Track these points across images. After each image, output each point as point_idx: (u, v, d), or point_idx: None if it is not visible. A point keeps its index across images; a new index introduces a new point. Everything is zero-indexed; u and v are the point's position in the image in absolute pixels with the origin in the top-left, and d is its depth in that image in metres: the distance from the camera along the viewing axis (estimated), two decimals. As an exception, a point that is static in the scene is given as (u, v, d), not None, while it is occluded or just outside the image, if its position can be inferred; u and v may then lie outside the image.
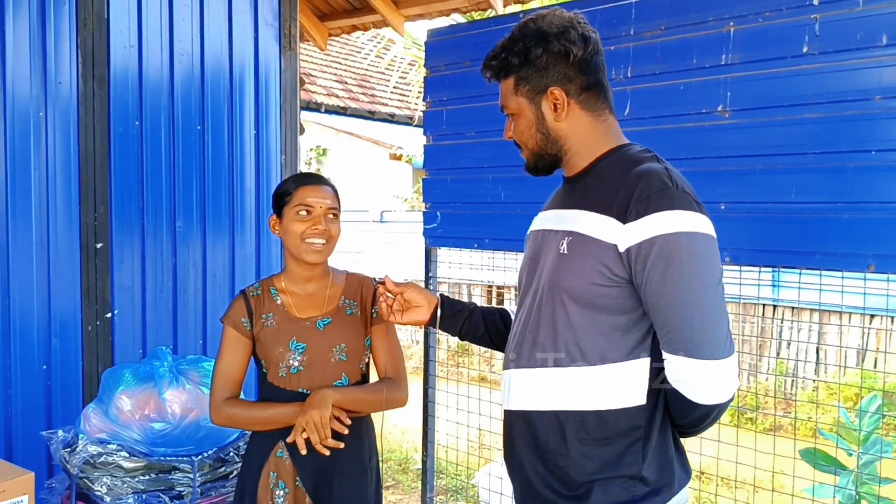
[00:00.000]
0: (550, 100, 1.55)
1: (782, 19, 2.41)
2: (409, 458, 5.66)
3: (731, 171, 2.53)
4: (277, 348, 2.06)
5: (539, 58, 1.53)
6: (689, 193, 1.43)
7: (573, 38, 1.52)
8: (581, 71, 1.54)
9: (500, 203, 3.22)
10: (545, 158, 1.61)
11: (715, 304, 1.40)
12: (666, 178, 1.43)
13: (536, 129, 1.58)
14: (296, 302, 2.10)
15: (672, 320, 1.40)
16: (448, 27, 3.56)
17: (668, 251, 1.38)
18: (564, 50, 1.51)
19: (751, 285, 2.87)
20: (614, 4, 2.83)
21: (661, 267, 1.38)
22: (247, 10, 3.65)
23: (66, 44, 3.06)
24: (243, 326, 2.08)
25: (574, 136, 1.57)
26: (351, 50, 12.77)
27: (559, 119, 1.55)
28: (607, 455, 1.48)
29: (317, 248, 2.03)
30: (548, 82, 1.54)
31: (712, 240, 1.42)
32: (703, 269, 1.39)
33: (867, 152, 2.26)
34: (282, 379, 2.06)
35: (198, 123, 3.47)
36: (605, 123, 1.58)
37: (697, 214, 1.40)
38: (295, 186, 2.06)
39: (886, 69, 2.23)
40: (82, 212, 3.10)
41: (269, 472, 2.05)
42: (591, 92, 1.56)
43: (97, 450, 2.37)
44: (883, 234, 2.23)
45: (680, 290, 1.38)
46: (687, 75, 2.63)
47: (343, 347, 2.09)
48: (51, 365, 3.03)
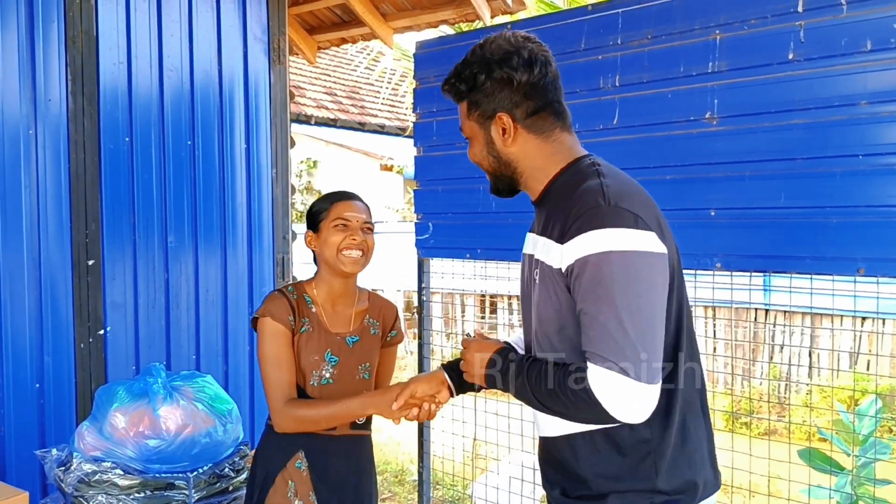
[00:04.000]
0: (498, 125, 1.55)
1: (767, 27, 2.43)
2: (405, 470, 5.65)
3: (720, 178, 2.55)
4: (313, 356, 2.08)
5: (483, 84, 1.53)
6: (625, 209, 1.40)
7: (515, 65, 1.51)
8: (527, 96, 1.53)
9: (491, 213, 3.23)
10: (501, 180, 1.63)
11: (643, 326, 1.36)
12: (598, 196, 1.41)
13: (488, 152, 1.59)
14: (327, 314, 2.15)
15: (598, 334, 1.36)
16: (436, 39, 3.58)
17: (599, 270, 1.36)
18: (507, 76, 1.51)
19: (742, 290, 2.88)
20: (601, 14, 2.85)
21: (593, 286, 1.37)
22: (235, 25, 3.66)
23: (56, 61, 3.06)
24: (289, 322, 2.07)
25: (524, 159, 1.57)
26: (340, 62, 12.79)
27: (507, 144, 1.56)
28: (620, 470, 1.49)
29: (354, 259, 2.09)
30: (495, 107, 1.54)
31: (649, 256, 1.39)
32: (633, 288, 1.36)
33: (854, 157, 2.29)
34: (312, 388, 2.08)
35: (188, 139, 3.48)
36: (556, 143, 1.57)
37: (630, 231, 1.37)
38: (330, 203, 2.13)
39: (871, 74, 2.25)
40: (73, 229, 3.10)
41: (286, 480, 2.07)
42: (540, 115, 1.55)
43: (92, 468, 2.35)
44: (872, 238, 2.25)
45: (608, 307, 1.35)
46: (674, 83, 2.65)
47: (367, 366, 2.18)
48: (44, 383, 3.02)
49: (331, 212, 2.11)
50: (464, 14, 4.20)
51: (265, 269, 3.76)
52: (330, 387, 2.09)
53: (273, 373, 2.04)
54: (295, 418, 2.02)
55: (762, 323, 6.70)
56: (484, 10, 4.07)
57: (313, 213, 2.15)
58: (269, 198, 3.77)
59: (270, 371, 2.04)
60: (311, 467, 2.07)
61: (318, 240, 2.13)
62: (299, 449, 2.08)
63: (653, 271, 1.39)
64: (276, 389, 2.04)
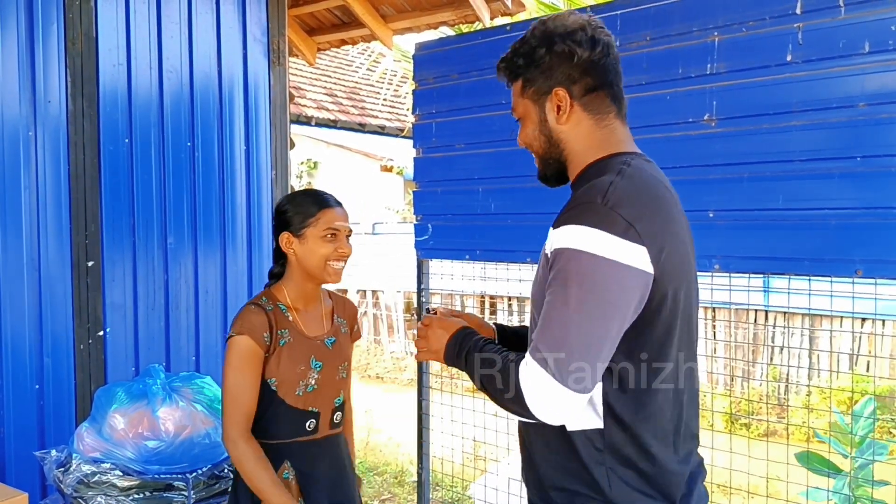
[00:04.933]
0: (554, 101, 1.51)
1: (766, 28, 2.44)
2: (404, 471, 5.65)
3: (718, 180, 2.55)
4: (298, 367, 2.04)
5: (543, 58, 1.50)
6: (619, 214, 1.34)
7: (579, 39, 1.48)
8: (586, 72, 1.49)
9: (490, 214, 3.23)
10: (550, 164, 1.58)
11: (590, 334, 1.32)
12: (598, 194, 1.38)
13: (540, 131, 1.55)
14: (303, 319, 2.11)
15: (544, 326, 1.35)
16: (436, 40, 3.58)
17: (567, 266, 1.34)
18: (569, 50, 1.48)
19: (741, 291, 2.89)
20: (600, 16, 2.85)
21: (557, 279, 1.35)
22: (235, 27, 3.67)
23: (55, 63, 3.07)
24: (264, 341, 2.00)
25: (574, 140, 1.53)
26: (341, 63, 12.81)
27: (561, 122, 1.52)
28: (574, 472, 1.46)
29: (339, 269, 2.07)
30: (552, 83, 1.51)
31: (621, 268, 1.33)
32: (593, 294, 1.32)
33: (852, 158, 2.29)
34: (297, 398, 2.04)
35: (188, 140, 3.48)
36: (608, 129, 1.52)
37: (613, 238, 1.33)
38: (318, 208, 2.05)
39: (869, 76, 2.26)
40: (73, 230, 3.10)
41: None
42: (597, 94, 1.51)
43: (91, 469, 2.35)
44: (870, 240, 2.25)
45: (562, 304, 1.33)
46: (673, 85, 2.66)
47: (345, 366, 2.18)
48: (43, 384, 3.02)
49: (320, 218, 2.04)
50: (463, 15, 4.20)
51: (264, 271, 3.75)
52: (315, 392, 2.07)
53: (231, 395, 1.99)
54: (238, 457, 1.99)
55: (762, 325, 6.70)
56: (483, 12, 4.08)
57: (296, 214, 2.06)
58: (268, 199, 3.78)
59: (230, 392, 2.00)
60: (299, 474, 2.06)
61: (300, 245, 2.05)
62: (284, 459, 2.05)
63: (620, 285, 1.33)
64: (232, 415, 1.99)
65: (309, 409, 2.07)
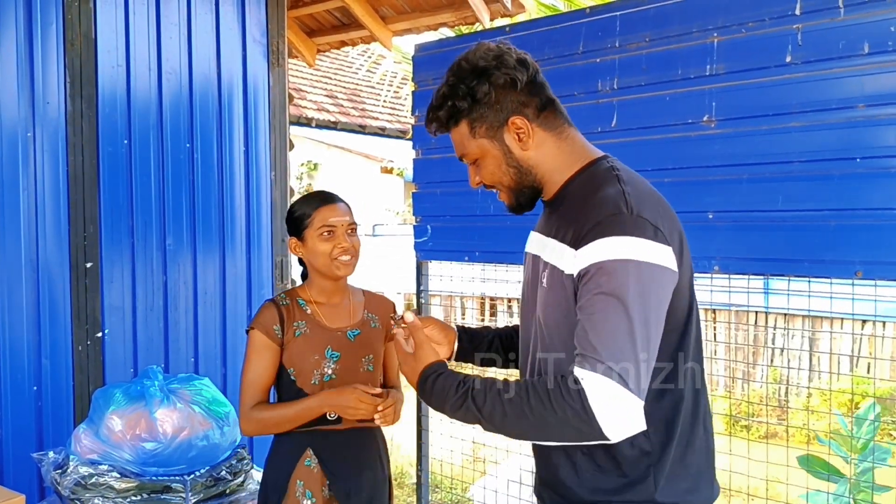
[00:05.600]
0: (513, 130, 1.50)
1: (765, 29, 2.43)
2: (404, 473, 5.64)
3: (717, 181, 2.55)
4: (313, 356, 2.11)
5: (488, 94, 1.48)
6: (646, 219, 1.37)
7: (512, 65, 1.48)
8: (532, 94, 1.50)
9: (489, 216, 3.22)
10: (524, 193, 1.56)
11: (649, 340, 1.32)
12: (621, 203, 1.38)
13: (507, 164, 1.52)
14: (324, 312, 2.17)
15: (603, 339, 1.31)
16: (435, 42, 3.58)
17: (615, 276, 1.32)
18: (510, 78, 1.47)
19: (741, 292, 2.88)
20: (599, 17, 2.85)
21: (606, 292, 1.32)
22: (234, 28, 3.66)
23: (54, 64, 3.06)
24: (274, 333, 2.11)
25: (544, 161, 1.52)
26: (341, 65, 12.80)
27: (526, 147, 1.51)
28: (618, 483, 1.46)
29: (346, 262, 2.12)
30: (505, 115, 1.49)
31: (663, 271, 1.36)
32: (647, 300, 1.33)
33: (852, 160, 2.28)
34: (314, 387, 2.10)
35: (187, 141, 3.47)
36: (569, 140, 1.54)
37: (650, 242, 1.34)
38: (313, 208, 2.11)
39: (869, 77, 2.25)
40: (72, 231, 3.09)
41: (296, 480, 2.10)
42: (548, 111, 1.52)
43: (88, 471, 2.35)
44: (869, 241, 2.25)
45: (620, 314, 1.31)
46: (672, 86, 2.65)
47: (371, 358, 2.19)
48: (41, 386, 3.01)
49: (314, 218, 2.10)
50: (463, 17, 4.20)
51: (264, 272, 3.75)
52: (333, 382, 2.11)
53: (246, 381, 2.12)
54: (258, 421, 2.10)
55: (762, 326, 6.69)
56: (483, 13, 4.07)
57: (296, 219, 2.13)
58: (267, 200, 3.77)
59: (245, 379, 2.12)
60: (322, 462, 2.10)
61: (304, 247, 2.13)
62: (307, 447, 2.11)
63: (665, 289, 1.37)
64: (246, 396, 2.11)
65: None
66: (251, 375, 2.11)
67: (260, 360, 2.11)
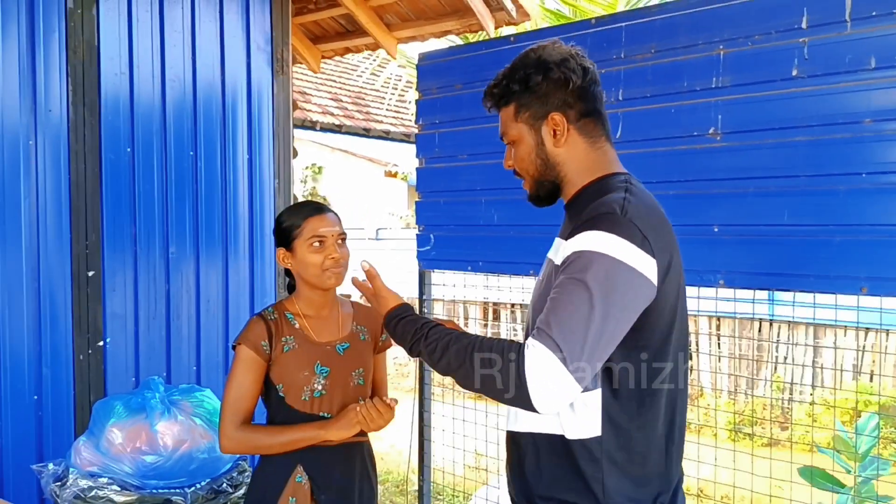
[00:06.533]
0: (550, 125, 1.58)
1: (772, 43, 2.42)
2: (405, 480, 5.62)
3: (723, 194, 2.53)
4: (302, 372, 2.06)
5: (539, 84, 1.56)
6: (636, 225, 1.42)
7: (572, 67, 1.56)
8: (579, 98, 1.57)
9: (493, 226, 3.21)
10: (545, 185, 1.63)
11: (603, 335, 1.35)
12: (616, 205, 1.45)
13: (536, 154, 1.61)
14: (312, 326, 2.13)
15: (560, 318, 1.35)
16: (440, 51, 3.57)
17: (588, 266, 1.37)
18: (564, 77, 1.55)
19: (746, 301, 2.87)
20: (605, 28, 2.84)
21: (577, 278, 1.37)
22: (238, 35, 3.66)
23: (56, 71, 3.06)
24: (262, 349, 2.06)
25: (570, 161, 1.59)
26: (346, 68, 12.79)
27: (558, 144, 1.58)
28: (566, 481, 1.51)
29: (337, 273, 2.09)
30: (548, 108, 1.57)
31: (638, 277, 1.39)
32: (612, 298, 1.36)
33: (858, 175, 2.27)
34: (304, 403, 2.06)
35: (190, 149, 3.47)
36: (601, 151, 1.61)
37: (632, 247, 1.39)
38: (302, 219, 2.08)
39: (875, 92, 2.23)
40: (73, 240, 3.09)
41: (287, 497, 2.05)
42: (589, 119, 1.59)
43: (88, 483, 2.34)
44: (875, 257, 2.23)
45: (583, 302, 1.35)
46: (678, 98, 2.63)
47: (361, 372, 2.16)
48: (42, 395, 3.01)
49: (304, 229, 2.06)
50: (468, 25, 4.19)
51: (267, 281, 3.74)
52: (323, 398, 2.07)
53: (230, 397, 2.06)
54: (242, 441, 2.05)
55: (765, 336, 6.67)
56: (488, 22, 4.06)
57: (284, 230, 2.10)
58: (271, 209, 3.76)
59: (228, 395, 2.06)
60: (312, 479, 2.06)
61: (293, 258, 2.09)
62: (297, 463, 2.06)
63: (636, 293, 1.40)
64: (229, 414, 2.05)
65: (320, 414, 2.07)
66: (236, 392, 2.05)
67: (246, 376, 2.06)
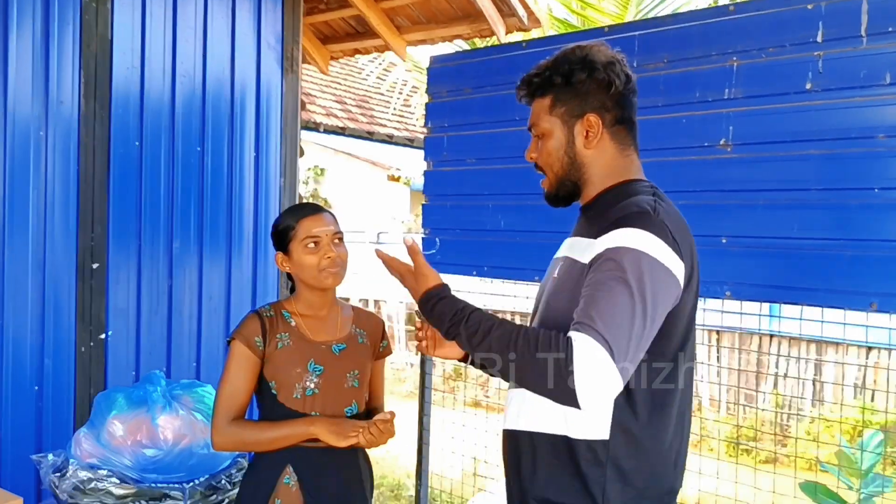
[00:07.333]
0: (585, 125, 1.55)
1: (785, 55, 2.42)
2: (401, 485, 5.60)
3: (732, 206, 2.53)
4: (294, 369, 2.04)
5: (582, 82, 1.54)
6: (667, 226, 1.42)
7: (617, 72, 1.55)
8: (618, 104, 1.56)
9: (499, 231, 3.21)
10: (566, 185, 1.61)
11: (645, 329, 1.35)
12: (648, 206, 1.45)
13: (565, 151, 1.58)
14: (309, 325, 2.11)
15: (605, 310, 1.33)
16: (450, 54, 3.57)
17: (628, 261, 1.37)
18: (608, 80, 1.53)
19: (751, 315, 2.86)
20: (617, 36, 2.84)
21: (618, 272, 1.36)
22: (249, 33, 3.66)
23: (69, 64, 3.05)
24: (256, 345, 2.05)
25: (596, 164, 1.58)
26: (351, 70, 12.82)
27: (588, 146, 1.56)
28: (566, 483, 1.49)
29: (334, 273, 2.07)
30: (586, 108, 1.55)
31: (671, 277, 1.40)
32: (651, 293, 1.35)
33: (870, 190, 2.26)
34: (296, 401, 2.04)
35: (198, 145, 3.47)
36: (628, 159, 1.60)
37: (665, 246, 1.40)
38: (296, 220, 2.07)
39: (889, 108, 2.24)
40: (80, 232, 3.08)
41: (274, 500, 2.02)
42: (622, 126, 1.58)
43: (87, 475, 2.33)
44: (886, 273, 2.22)
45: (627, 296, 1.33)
46: (689, 108, 2.64)
47: (356, 374, 2.12)
48: (42, 386, 2.99)
49: (298, 230, 2.05)
50: (479, 30, 4.19)
51: (269, 279, 3.73)
52: (315, 397, 2.04)
53: (223, 392, 2.04)
54: (233, 437, 2.02)
55: (766, 352, 6.66)
56: (499, 27, 4.07)
57: (280, 233, 2.09)
58: (276, 207, 3.76)
59: (222, 390, 2.04)
60: (301, 482, 2.01)
61: (290, 261, 2.08)
62: (287, 464, 2.02)
63: (667, 293, 1.40)
64: (222, 409, 2.03)
65: (312, 413, 2.03)
66: (229, 388, 2.03)
67: (239, 372, 2.04)
